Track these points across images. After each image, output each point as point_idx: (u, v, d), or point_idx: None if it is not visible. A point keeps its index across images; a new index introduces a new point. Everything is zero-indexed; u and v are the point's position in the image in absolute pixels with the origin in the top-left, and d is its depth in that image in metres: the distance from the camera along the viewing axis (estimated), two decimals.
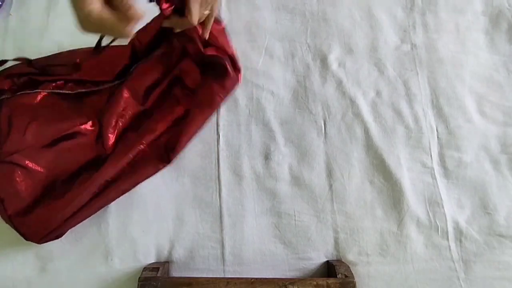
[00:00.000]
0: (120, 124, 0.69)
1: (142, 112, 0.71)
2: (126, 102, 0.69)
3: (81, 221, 0.65)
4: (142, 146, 0.67)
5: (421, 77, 0.78)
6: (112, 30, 0.45)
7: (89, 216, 0.65)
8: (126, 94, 0.69)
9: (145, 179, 0.68)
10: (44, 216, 0.62)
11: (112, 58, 0.71)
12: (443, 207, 0.70)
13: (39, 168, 0.66)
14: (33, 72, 0.71)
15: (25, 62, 0.70)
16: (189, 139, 0.69)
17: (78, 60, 0.70)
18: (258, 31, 0.81)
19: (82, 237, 0.67)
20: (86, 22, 0.44)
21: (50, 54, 0.74)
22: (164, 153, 0.68)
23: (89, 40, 0.73)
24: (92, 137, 0.69)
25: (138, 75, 0.70)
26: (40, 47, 0.78)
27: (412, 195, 0.70)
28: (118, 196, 0.66)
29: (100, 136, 0.69)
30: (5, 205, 0.63)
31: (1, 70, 0.72)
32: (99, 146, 0.68)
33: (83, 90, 0.72)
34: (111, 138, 0.68)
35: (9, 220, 0.62)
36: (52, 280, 0.64)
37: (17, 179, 0.64)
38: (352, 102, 0.76)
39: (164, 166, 0.68)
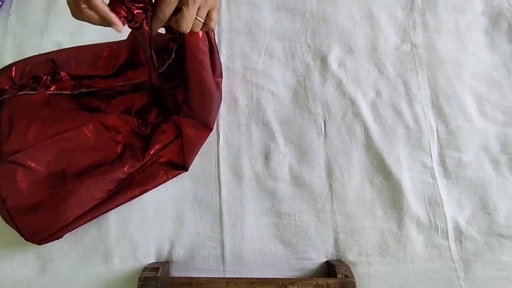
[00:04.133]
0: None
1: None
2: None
3: (85, 223, 0.65)
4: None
5: (421, 77, 0.78)
6: (103, 22, 0.46)
7: (92, 220, 0.66)
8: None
9: (155, 187, 0.69)
10: (47, 219, 0.62)
11: (112, 53, 0.71)
12: (443, 207, 0.70)
13: (40, 168, 0.66)
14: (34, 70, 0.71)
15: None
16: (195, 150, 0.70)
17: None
18: (258, 31, 0.81)
19: (82, 237, 0.67)
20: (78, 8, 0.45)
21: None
22: (177, 165, 0.70)
23: (88, 40, 0.74)
24: (93, 139, 0.69)
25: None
26: (40, 47, 0.78)
27: (412, 195, 0.70)
28: (125, 202, 0.67)
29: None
30: (7, 205, 0.63)
31: (2, 68, 0.72)
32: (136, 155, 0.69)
33: (84, 91, 0.72)
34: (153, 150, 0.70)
35: (11, 220, 0.62)
36: (52, 280, 0.64)
37: (19, 178, 0.64)
38: (352, 102, 0.76)
39: (178, 174, 0.70)
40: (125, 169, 0.67)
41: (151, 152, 0.69)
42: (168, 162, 0.70)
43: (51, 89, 0.71)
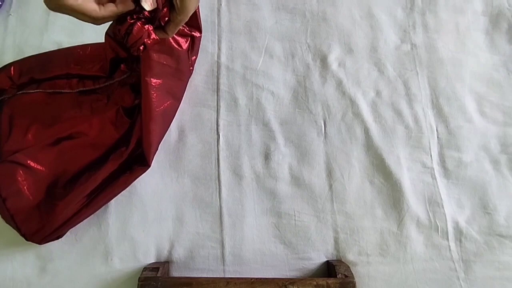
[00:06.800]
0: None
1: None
2: None
3: (83, 220, 0.65)
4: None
5: (421, 77, 0.79)
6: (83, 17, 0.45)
7: (91, 215, 0.66)
8: None
9: (144, 172, 0.67)
10: (46, 216, 0.62)
11: (100, 53, 0.71)
12: (443, 207, 0.70)
13: (40, 167, 0.66)
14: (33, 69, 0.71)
15: None
16: (152, 137, 0.67)
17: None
18: (258, 31, 0.81)
19: (82, 237, 0.67)
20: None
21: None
22: (141, 158, 0.68)
23: (88, 40, 0.74)
24: (94, 138, 0.69)
25: None
26: (40, 47, 0.78)
27: (412, 195, 0.70)
28: (118, 194, 0.66)
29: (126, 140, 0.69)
30: (7, 205, 0.63)
31: (0, 68, 0.72)
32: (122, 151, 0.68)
33: (83, 89, 0.72)
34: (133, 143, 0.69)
35: (11, 220, 0.62)
36: (52, 280, 0.64)
37: (19, 178, 0.64)
38: (352, 102, 0.76)
39: (144, 170, 0.67)
40: (116, 160, 0.66)
41: (136, 139, 0.68)
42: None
43: (51, 88, 0.71)
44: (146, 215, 0.68)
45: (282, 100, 0.76)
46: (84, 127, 0.69)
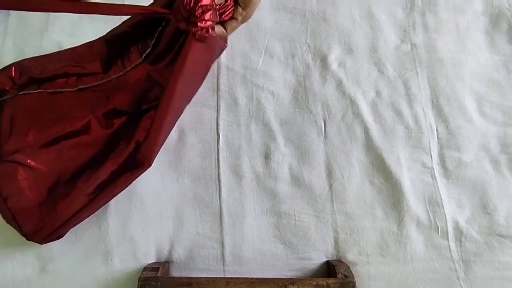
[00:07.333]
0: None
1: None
2: None
3: (83, 219, 0.65)
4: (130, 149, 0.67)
5: (421, 77, 0.79)
6: None
7: (92, 214, 0.66)
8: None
9: (144, 171, 0.67)
10: (48, 216, 0.62)
11: (97, 51, 0.71)
12: (443, 207, 0.70)
13: (41, 167, 0.66)
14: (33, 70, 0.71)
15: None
16: (160, 136, 0.66)
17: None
18: (258, 31, 0.81)
19: (82, 237, 0.67)
20: None
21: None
22: (140, 157, 0.66)
23: (88, 39, 0.74)
24: (93, 135, 0.69)
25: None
26: (41, 47, 0.78)
27: (412, 195, 0.70)
28: (118, 193, 0.66)
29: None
30: (8, 204, 0.62)
31: (1, 69, 0.72)
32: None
33: (83, 86, 0.72)
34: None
35: (13, 219, 0.62)
36: (52, 280, 0.64)
37: (20, 177, 0.64)
38: (352, 102, 0.76)
39: (145, 169, 0.66)
40: (116, 159, 0.66)
41: (137, 139, 0.67)
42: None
43: (51, 88, 0.71)
44: (146, 215, 0.68)
45: (282, 100, 0.77)
46: (83, 125, 0.69)
